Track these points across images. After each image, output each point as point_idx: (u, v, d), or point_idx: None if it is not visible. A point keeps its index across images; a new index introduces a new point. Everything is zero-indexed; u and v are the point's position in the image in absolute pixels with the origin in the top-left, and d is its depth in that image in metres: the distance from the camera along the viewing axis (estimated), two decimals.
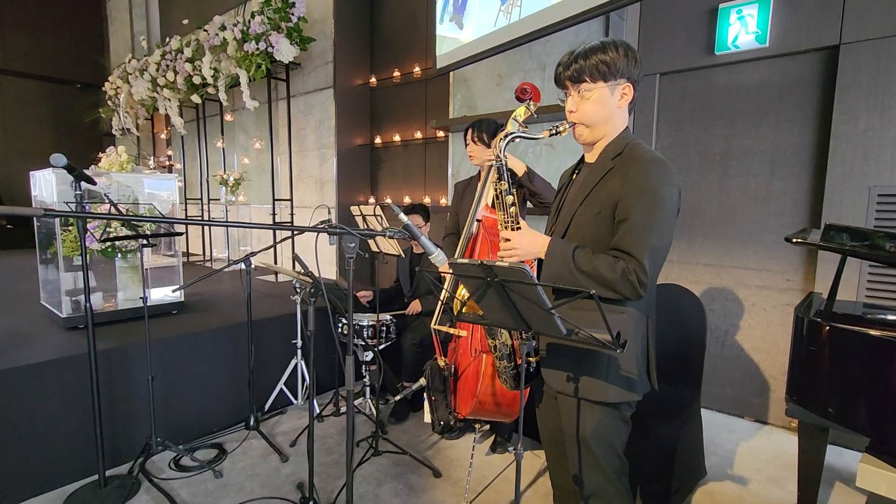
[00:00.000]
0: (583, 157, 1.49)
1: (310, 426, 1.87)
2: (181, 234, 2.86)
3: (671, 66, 3.10)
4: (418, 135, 4.38)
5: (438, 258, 1.32)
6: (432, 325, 2.29)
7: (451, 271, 1.20)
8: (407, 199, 4.59)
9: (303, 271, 1.84)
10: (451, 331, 2.28)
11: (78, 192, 2.00)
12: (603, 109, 1.31)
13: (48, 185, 2.70)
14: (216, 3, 5.65)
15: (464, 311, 1.32)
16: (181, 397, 2.66)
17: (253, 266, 2.57)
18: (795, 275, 2.83)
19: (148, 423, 2.37)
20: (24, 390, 2.15)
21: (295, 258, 1.74)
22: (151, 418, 2.30)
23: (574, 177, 1.49)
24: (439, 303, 2.33)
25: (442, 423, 2.26)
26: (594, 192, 1.32)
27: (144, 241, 2.25)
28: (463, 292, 1.49)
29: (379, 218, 2.28)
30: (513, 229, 1.36)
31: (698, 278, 3.15)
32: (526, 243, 1.33)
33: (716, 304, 3.09)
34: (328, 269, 4.80)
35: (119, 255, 3.03)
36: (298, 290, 2.83)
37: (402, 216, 1.26)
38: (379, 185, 4.90)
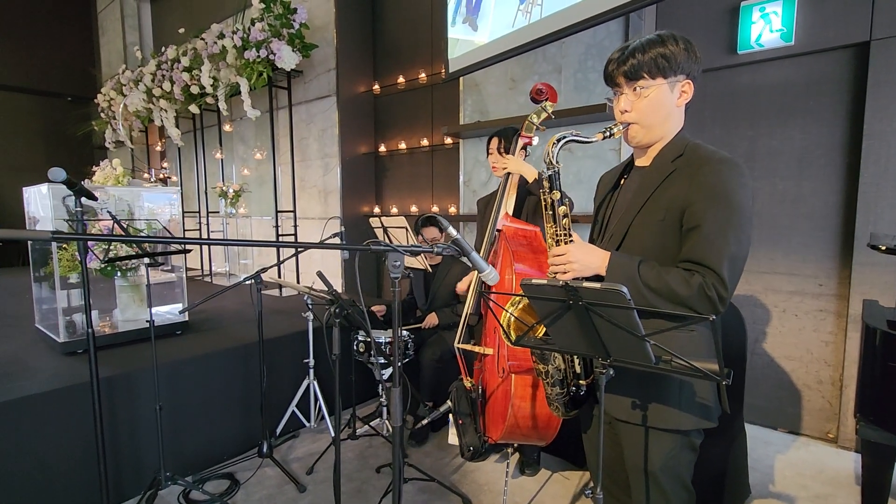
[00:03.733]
0: (631, 160, 1.37)
1: (336, 461, 1.72)
2: (189, 251, 2.70)
3: None
4: (424, 142, 4.26)
5: (490, 276, 1.19)
6: (455, 343, 2.15)
7: (522, 293, 1.07)
8: (414, 209, 4.45)
9: (327, 290, 1.71)
10: (476, 349, 2.15)
11: (78, 209, 1.85)
12: (661, 108, 1.20)
13: (44, 202, 2.55)
14: (211, 13, 5.52)
15: (527, 336, 1.17)
16: (189, 424, 2.49)
17: (261, 281, 2.43)
18: (829, 279, 2.72)
19: (153, 454, 2.21)
20: (20, 424, 1.98)
21: (320, 276, 1.60)
22: (160, 452, 2.13)
23: (622, 182, 1.36)
24: (462, 320, 2.20)
25: (471, 448, 2.12)
26: (655, 196, 1.19)
27: (150, 261, 2.09)
28: (509, 314, 1.35)
29: (405, 230, 2.14)
30: (565, 242, 1.24)
31: None
32: (583, 257, 1.20)
33: (744, 311, 2.96)
34: (332, 282, 4.63)
35: (119, 274, 2.88)
36: (311, 307, 2.68)
37: (451, 230, 1.13)
38: (384, 195, 4.76)
